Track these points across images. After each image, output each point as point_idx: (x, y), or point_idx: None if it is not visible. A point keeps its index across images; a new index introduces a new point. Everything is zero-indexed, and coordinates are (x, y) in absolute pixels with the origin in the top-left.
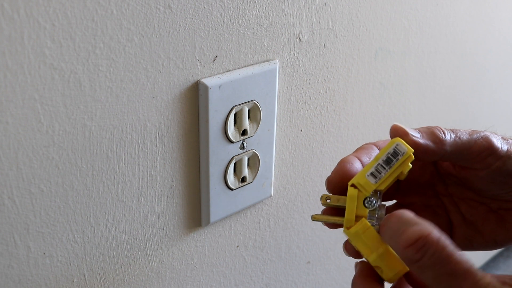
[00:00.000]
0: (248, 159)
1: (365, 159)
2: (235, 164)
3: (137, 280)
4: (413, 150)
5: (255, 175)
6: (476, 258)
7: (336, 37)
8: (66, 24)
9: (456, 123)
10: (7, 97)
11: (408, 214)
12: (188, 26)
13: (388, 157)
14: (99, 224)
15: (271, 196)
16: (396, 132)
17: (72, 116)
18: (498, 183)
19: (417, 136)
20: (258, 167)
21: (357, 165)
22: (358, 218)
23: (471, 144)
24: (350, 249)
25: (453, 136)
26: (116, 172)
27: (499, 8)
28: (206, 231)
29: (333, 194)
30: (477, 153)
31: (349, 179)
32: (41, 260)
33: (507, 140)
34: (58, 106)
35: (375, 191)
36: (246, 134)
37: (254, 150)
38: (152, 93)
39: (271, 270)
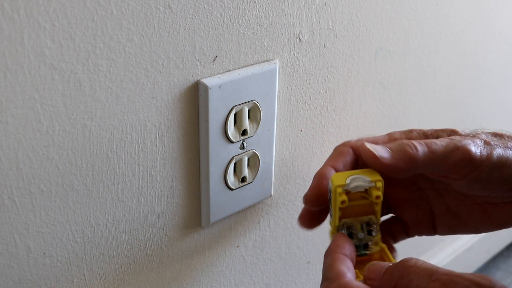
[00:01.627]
0: (248, 159)
1: (340, 166)
2: (235, 164)
3: (137, 280)
4: (338, 184)
5: (255, 175)
6: (476, 259)
7: (336, 37)
8: (66, 24)
9: (456, 123)
10: (7, 97)
11: (335, 265)
12: (188, 26)
13: (329, 196)
14: (99, 224)
15: (271, 196)
16: (365, 155)
17: (72, 116)
18: (478, 188)
19: (386, 157)
20: (258, 167)
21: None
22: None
23: (447, 155)
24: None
25: (425, 150)
26: (116, 172)
27: (499, 8)
28: (206, 231)
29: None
30: (452, 165)
31: (323, 195)
32: (41, 260)
33: (490, 144)
34: (58, 106)
35: (339, 227)
36: (246, 134)
37: (254, 150)
38: (152, 93)
39: (271, 270)
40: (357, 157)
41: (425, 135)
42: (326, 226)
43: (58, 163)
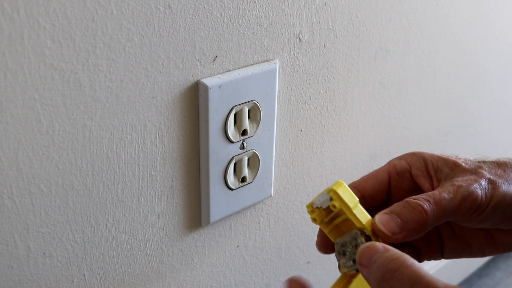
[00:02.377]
0: (248, 159)
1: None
2: (235, 164)
3: (137, 280)
4: (308, 204)
5: (255, 175)
6: (476, 259)
7: (336, 37)
8: (66, 24)
9: (456, 123)
10: (7, 97)
11: (408, 270)
12: (188, 26)
13: None
14: (99, 224)
15: (271, 196)
16: (378, 234)
17: (72, 116)
18: (483, 225)
19: (398, 232)
20: (258, 167)
21: None
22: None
23: (456, 209)
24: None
25: (434, 209)
26: (116, 172)
27: (499, 8)
28: (206, 231)
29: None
30: (461, 215)
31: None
32: (41, 260)
33: (494, 183)
34: (58, 106)
35: (335, 246)
36: (246, 134)
37: (254, 150)
38: (152, 93)
39: (271, 270)
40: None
41: (424, 162)
42: None
43: (58, 163)
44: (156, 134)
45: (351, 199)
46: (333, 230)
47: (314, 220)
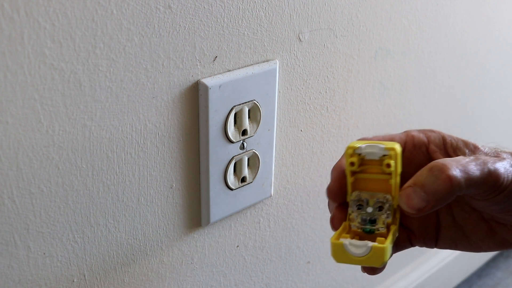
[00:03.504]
0: (248, 159)
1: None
2: (235, 164)
3: (137, 280)
4: (351, 146)
5: (255, 175)
6: (477, 259)
7: (336, 37)
8: (66, 24)
9: (456, 123)
10: (7, 97)
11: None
12: (188, 26)
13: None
14: (99, 224)
15: (271, 196)
16: (405, 213)
17: (72, 116)
18: (494, 210)
19: (423, 206)
20: (258, 167)
21: None
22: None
23: (481, 182)
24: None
25: (464, 177)
26: (116, 172)
27: (499, 8)
28: (206, 231)
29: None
30: (484, 191)
31: (345, 185)
32: (41, 260)
33: None
34: (58, 106)
35: (351, 197)
36: (246, 134)
37: (254, 150)
38: (152, 93)
39: (271, 270)
40: None
41: (443, 140)
42: (326, 226)
43: (58, 163)
44: (156, 134)
45: (400, 166)
46: (353, 183)
47: (351, 164)
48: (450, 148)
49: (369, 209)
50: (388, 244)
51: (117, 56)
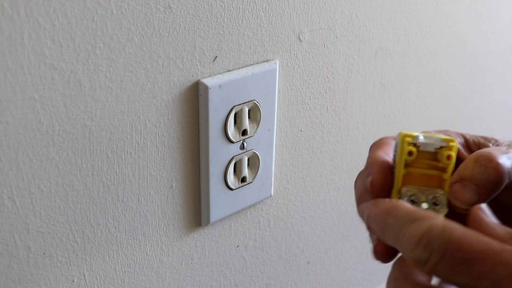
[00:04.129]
0: (248, 159)
1: (390, 152)
2: (235, 164)
3: (137, 280)
4: (407, 134)
5: (255, 175)
6: None
7: (336, 37)
8: (66, 24)
9: (456, 123)
10: (7, 97)
11: (404, 207)
12: (188, 26)
13: (394, 155)
14: (99, 224)
15: (271, 196)
16: (454, 207)
17: (72, 116)
18: None
19: (475, 200)
20: (258, 167)
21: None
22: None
23: None
24: (379, 252)
25: (509, 162)
26: (116, 172)
27: (499, 8)
28: (206, 231)
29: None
30: None
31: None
32: (41, 260)
33: None
34: (58, 106)
35: (400, 192)
36: (246, 134)
37: (254, 150)
38: (152, 93)
39: (271, 270)
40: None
41: (464, 138)
42: (326, 226)
43: (58, 163)
44: (156, 134)
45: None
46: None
47: (409, 154)
48: (473, 144)
49: (424, 205)
50: None
51: (117, 56)
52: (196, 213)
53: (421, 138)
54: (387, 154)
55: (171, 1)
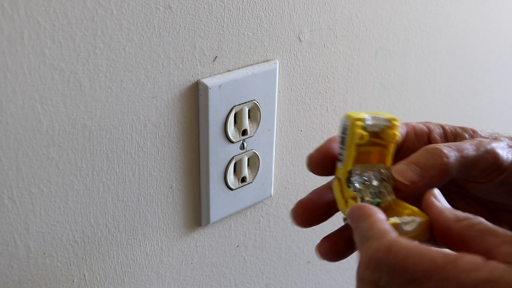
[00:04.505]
0: (248, 159)
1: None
2: (235, 164)
3: (137, 280)
4: (357, 117)
5: (255, 175)
6: None
7: (336, 37)
8: (66, 24)
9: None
10: (7, 97)
11: (367, 222)
12: (188, 26)
13: (341, 137)
14: (99, 224)
15: (271, 196)
16: (396, 184)
17: (72, 116)
18: (498, 194)
19: (416, 180)
20: (258, 167)
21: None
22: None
23: (477, 160)
24: (323, 251)
25: (457, 156)
26: (116, 172)
27: (499, 8)
28: (206, 231)
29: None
30: (482, 170)
31: (330, 157)
32: (41, 260)
33: None
34: (58, 106)
35: (351, 172)
36: (246, 134)
37: (254, 150)
38: (152, 93)
39: (271, 270)
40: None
41: (443, 129)
42: (325, 226)
43: (58, 163)
44: (156, 134)
45: None
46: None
47: (361, 137)
48: (450, 135)
49: (375, 182)
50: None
51: (117, 56)
52: (196, 213)
53: (369, 120)
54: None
55: (171, 1)
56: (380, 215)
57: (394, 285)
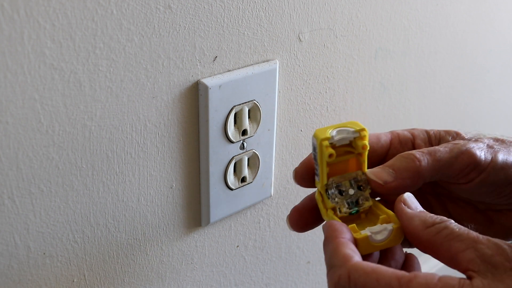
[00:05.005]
0: (248, 159)
1: None
2: (235, 164)
3: (137, 280)
4: (324, 137)
5: (255, 175)
6: None
7: (336, 37)
8: (66, 24)
9: (456, 123)
10: (7, 97)
11: (331, 246)
12: (188, 26)
13: (313, 154)
14: (99, 224)
15: (271, 196)
16: (370, 182)
17: (72, 116)
18: (483, 193)
19: (390, 180)
20: (258, 167)
21: None
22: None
23: (452, 162)
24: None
25: (429, 160)
26: (116, 172)
27: (499, 8)
28: (206, 231)
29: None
30: (458, 171)
31: (314, 171)
32: (41, 260)
33: (493, 148)
34: (58, 106)
35: (328, 186)
36: (246, 134)
37: (254, 150)
38: (152, 93)
39: (271, 270)
40: None
41: (427, 134)
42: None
43: (58, 163)
44: (156, 134)
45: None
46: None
47: (330, 156)
48: (435, 140)
49: (351, 191)
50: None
51: (117, 56)
52: (196, 213)
53: (336, 137)
54: None
55: (171, 1)
56: (345, 236)
57: None
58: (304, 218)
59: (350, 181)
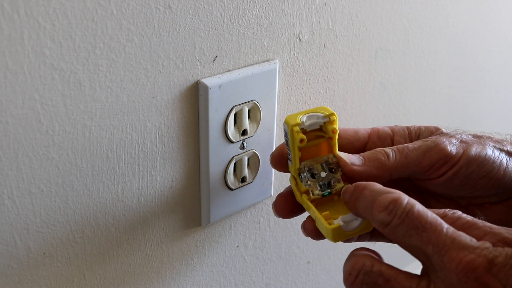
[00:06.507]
0: (248, 159)
1: None
2: (235, 164)
3: (137, 280)
4: (294, 123)
5: (255, 175)
6: None
7: (336, 37)
8: (66, 24)
9: (456, 123)
10: (7, 97)
11: (378, 185)
12: (188, 26)
13: (285, 140)
14: (99, 224)
15: (271, 196)
16: (340, 161)
17: (72, 116)
18: (457, 187)
19: (358, 164)
20: (258, 167)
21: None
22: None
23: (420, 158)
24: (309, 229)
25: (397, 157)
26: (116, 172)
27: (499, 8)
28: (206, 231)
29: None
30: (428, 167)
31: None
32: (41, 260)
33: (466, 142)
34: (58, 106)
35: (301, 169)
36: (246, 134)
37: (254, 150)
38: (152, 93)
39: (271, 270)
40: None
41: (408, 130)
42: None
43: (58, 163)
44: (156, 134)
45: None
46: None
47: (302, 141)
48: (414, 136)
49: (323, 174)
50: None
51: (117, 56)
52: (196, 213)
53: (306, 122)
54: None
55: (171, 1)
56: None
57: (402, 228)
58: (289, 204)
59: (321, 164)
